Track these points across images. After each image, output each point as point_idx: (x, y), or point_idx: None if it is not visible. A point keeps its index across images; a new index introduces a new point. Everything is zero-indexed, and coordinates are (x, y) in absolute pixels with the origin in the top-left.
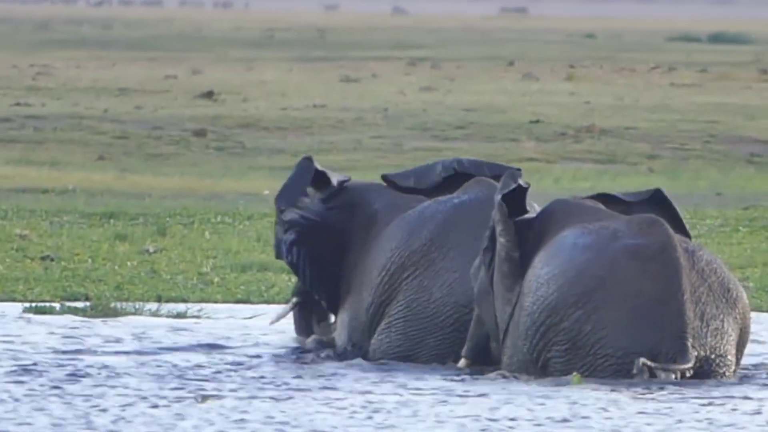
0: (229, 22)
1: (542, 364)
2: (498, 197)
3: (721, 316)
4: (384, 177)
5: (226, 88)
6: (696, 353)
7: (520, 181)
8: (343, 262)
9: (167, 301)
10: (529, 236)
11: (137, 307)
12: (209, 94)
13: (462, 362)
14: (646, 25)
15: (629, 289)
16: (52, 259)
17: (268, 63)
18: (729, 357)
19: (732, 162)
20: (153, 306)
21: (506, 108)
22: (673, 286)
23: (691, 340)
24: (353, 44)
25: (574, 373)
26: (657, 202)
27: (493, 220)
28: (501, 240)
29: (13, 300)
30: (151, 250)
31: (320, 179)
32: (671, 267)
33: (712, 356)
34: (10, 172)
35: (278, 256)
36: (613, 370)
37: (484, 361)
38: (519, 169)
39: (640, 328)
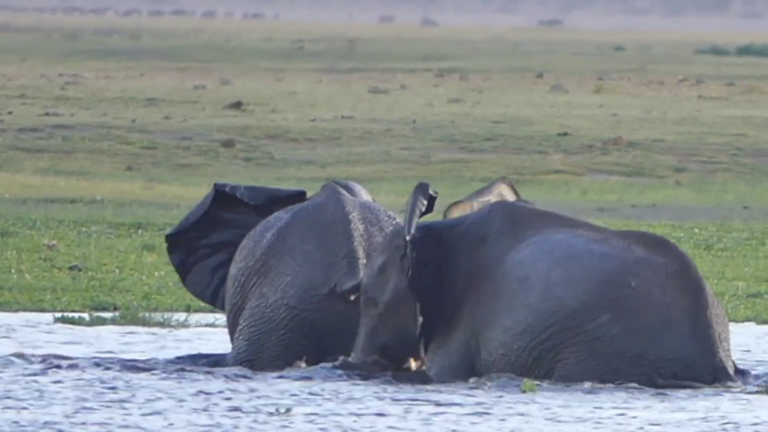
0: (259, 32)
1: (545, 364)
2: (407, 231)
3: (726, 336)
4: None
5: (255, 98)
6: (729, 369)
7: (431, 192)
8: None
9: (195, 311)
10: (476, 241)
11: (165, 317)
12: (238, 105)
13: (370, 360)
14: (674, 37)
15: (659, 300)
16: (79, 269)
17: (298, 74)
18: (733, 377)
19: (759, 175)
20: (181, 316)
21: (534, 120)
22: (701, 302)
23: (721, 355)
24: (382, 56)
25: (525, 380)
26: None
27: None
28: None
29: (41, 310)
30: None
31: (226, 199)
32: (697, 285)
33: (724, 375)
34: (38, 182)
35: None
36: (637, 375)
37: (389, 358)
38: (427, 184)
39: (671, 339)
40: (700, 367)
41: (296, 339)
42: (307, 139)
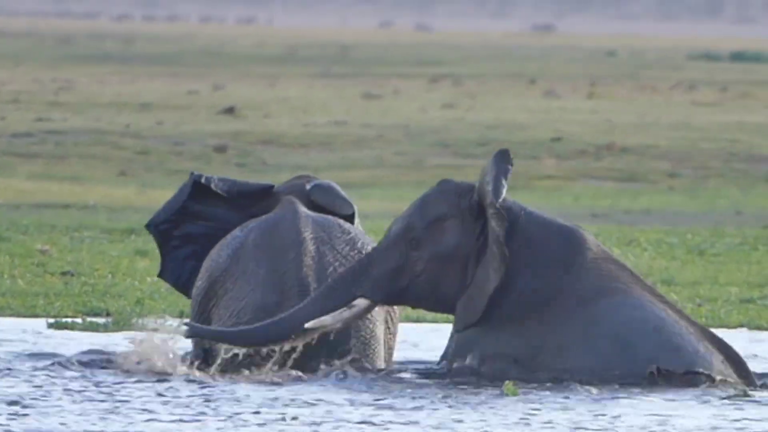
0: (252, 38)
1: None
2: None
3: None
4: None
5: (248, 104)
6: None
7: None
8: None
9: (188, 316)
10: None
11: (158, 322)
12: (231, 110)
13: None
14: (667, 43)
15: None
16: (72, 275)
17: (291, 79)
18: None
19: (752, 181)
20: (174, 322)
21: (527, 125)
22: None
23: None
24: (375, 61)
25: (507, 382)
26: None
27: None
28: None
29: (34, 315)
30: None
31: (203, 191)
32: None
33: None
34: (31, 187)
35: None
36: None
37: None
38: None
39: None
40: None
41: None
42: (300, 145)
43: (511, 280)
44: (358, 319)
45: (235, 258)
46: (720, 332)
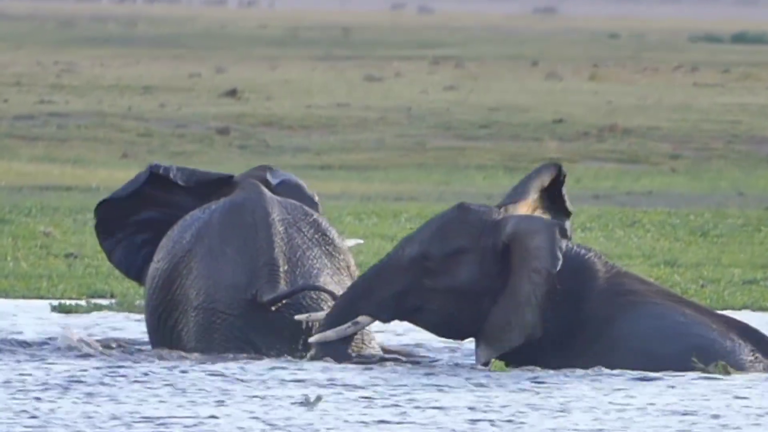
0: (254, 20)
1: None
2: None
3: None
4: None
5: (250, 86)
6: None
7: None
8: None
9: None
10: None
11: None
12: (233, 93)
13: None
14: (669, 24)
15: None
16: (75, 257)
17: (292, 61)
18: None
19: (754, 162)
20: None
21: (529, 107)
22: None
23: None
24: (377, 43)
25: (494, 360)
26: None
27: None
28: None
29: (38, 297)
30: None
31: (160, 181)
32: None
33: None
34: (33, 170)
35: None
36: None
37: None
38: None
39: None
40: None
41: (233, 342)
42: (302, 127)
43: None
44: None
45: (199, 237)
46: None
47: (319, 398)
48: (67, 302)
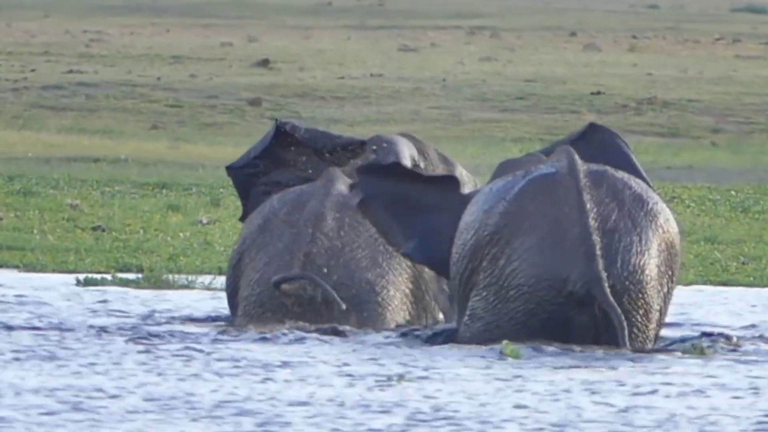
0: None
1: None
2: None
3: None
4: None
5: (283, 56)
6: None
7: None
8: None
9: (222, 273)
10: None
11: (190, 279)
12: (265, 63)
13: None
14: None
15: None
16: (103, 230)
17: (326, 31)
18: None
19: None
20: (207, 279)
21: (567, 79)
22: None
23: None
24: (412, 13)
25: (505, 342)
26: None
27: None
28: None
29: (65, 271)
30: (205, 221)
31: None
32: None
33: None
34: (61, 141)
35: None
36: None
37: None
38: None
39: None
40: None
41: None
42: (335, 98)
43: None
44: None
45: (263, 228)
46: (765, 291)
47: (402, 376)
48: (94, 276)
